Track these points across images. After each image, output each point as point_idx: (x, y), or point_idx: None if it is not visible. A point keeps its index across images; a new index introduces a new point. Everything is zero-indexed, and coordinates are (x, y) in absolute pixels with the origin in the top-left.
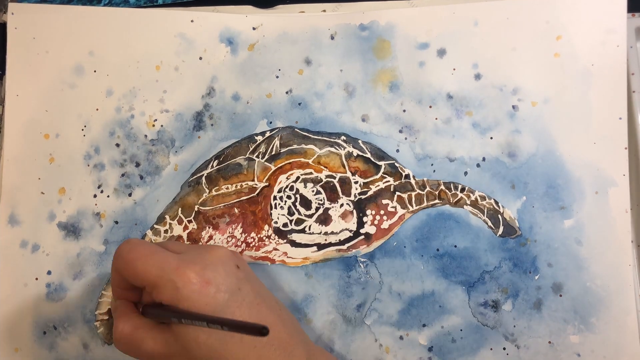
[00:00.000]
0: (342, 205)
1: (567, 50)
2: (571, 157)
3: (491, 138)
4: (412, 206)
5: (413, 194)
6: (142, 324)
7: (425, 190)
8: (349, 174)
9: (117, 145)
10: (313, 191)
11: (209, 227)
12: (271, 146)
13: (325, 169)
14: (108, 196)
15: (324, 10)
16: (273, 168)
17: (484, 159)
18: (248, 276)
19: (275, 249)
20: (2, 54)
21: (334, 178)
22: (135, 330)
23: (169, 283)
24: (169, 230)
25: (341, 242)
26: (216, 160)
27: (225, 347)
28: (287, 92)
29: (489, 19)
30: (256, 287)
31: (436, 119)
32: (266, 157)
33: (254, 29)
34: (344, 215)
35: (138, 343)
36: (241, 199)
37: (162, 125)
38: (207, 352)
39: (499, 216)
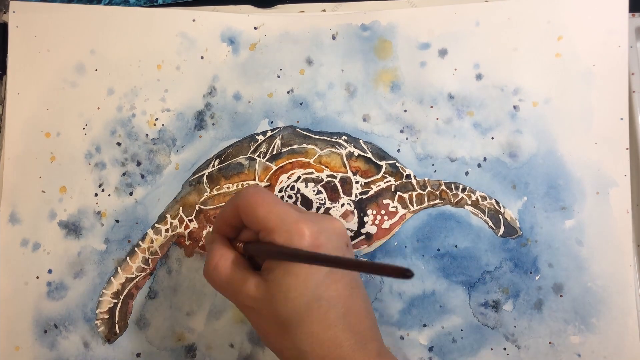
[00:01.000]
0: (343, 205)
1: (569, 51)
2: (572, 158)
3: (492, 138)
4: (413, 206)
5: (414, 193)
6: (238, 261)
7: (426, 190)
8: (350, 174)
9: (119, 144)
10: (314, 191)
11: (210, 226)
12: (272, 146)
13: (326, 168)
14: (109, 195)
15: (324, 10)
16: (274, 167)
17: (485, 159)
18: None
19: None
20: (3, 55)
21: (335, 178)
22: (231, 264)
23: (285, 233)
24: (170, 229)
25: None
26: (217, 160)
27: (308, 313)
28: (288, 92)
29: (490, 19)
30: (354, 275)
31: (437, 119)
32: (267, 156)
33: (255, 28)
34: (344, 215)
35: (230, 277)
36: None
37: (163, 124)
38: (291, 310)
39: (500, 216)
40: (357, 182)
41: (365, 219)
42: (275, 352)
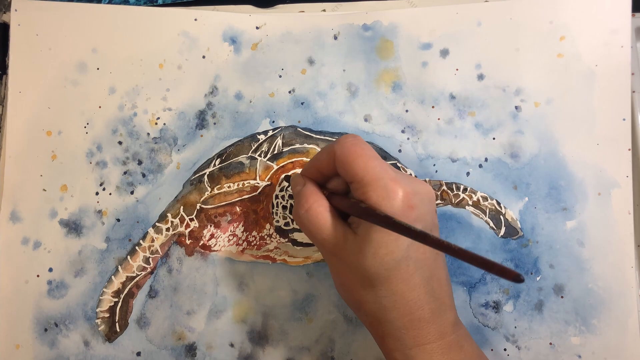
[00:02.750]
0: None
1: (571, 51)
2: (574, 158)
3: (494, 139)
4: None
5: None
6: (330, 208)
7: None
8: None
9: (120, 143)
10: None
11: (211, 226)
12: (273, 145)
13: None
14: (110, 194)
15: (324, 10)
16: (275, 167)
17: (486, 160)
18: (437, 226)
19: (277, 248)
20: (4, 55)
21: None
22: (324, 210)
23: (381, 189)
24: (171, 228)
25: None
26: (218, 159)
27: (395, 271)
28: (289, 92)
29: (492, 20)
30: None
31: (439, 119)
32: (268, 156)
33: (257, 28)
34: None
35: (321, 223)
36: (243, 197)
37: (164, 124)
38: (379, 266)
39: (501, 217)
40: None
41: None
42: (351, 303)
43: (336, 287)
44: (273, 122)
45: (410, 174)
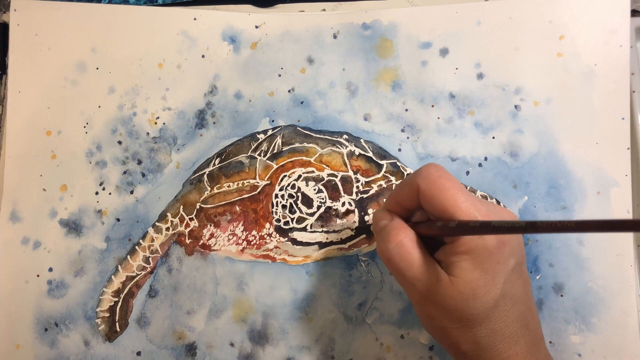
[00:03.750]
0: (343, 203)
1: (570, 50)
2: (573, 157)
3: (493, 138)
4: None
5: None
6: (420, 244)
7: None
8: (350, 173)
9: (119, 142)
10: (315, 190)
11: (211, 225)
12: (273, 144)
13: (327, 167)
14: (110, 193)
15: (324, 10)
16: (275, 166)
17: (486, 159)
18: (524, 254)
19: (277, 247)
20: (3, 55)
21: (336, 177)
22: (416, 246)
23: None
24: (171, 228)
25: (342, 241)
26: (218, 158)
27: (494, 310)
28: (289, 91)
29: (492, 19)
30: (526, 270)
31: (438, 118)
32: (268, 155)
33: (256, 27)
34: (345, 214)
35: (414, 258)
36: (243, 196)
37: (164, 123)
38: (479, 308)
39: None
40: (357, 181)
41: (366, 217)
42: (445, 343)
43: (425, 327)
44: (272, 121)
45: (410, 173)
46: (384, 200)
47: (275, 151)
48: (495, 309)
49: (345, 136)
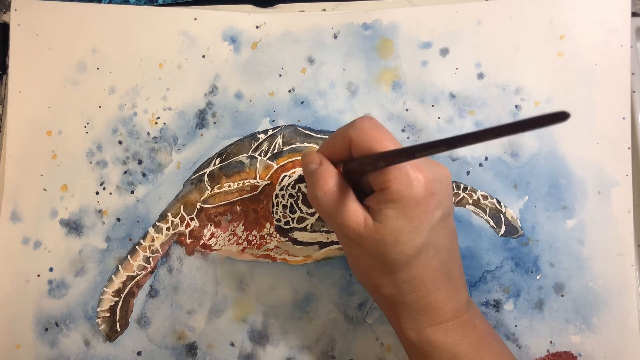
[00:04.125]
0: None
1: (571, 50)
2: (574, 157)
3: None
4: None
5: None
6: (347, 188)
7: None
8: None
9: (120, 142)
10: None
11: (211, 225)
12: (273, 144)
13: None
14: (110, 193)
15: (324, 10)
16: (275, 166)
17: (486, 159)
18: (452, 207)
19: (277, 247)
20: (4, 55)
21: None
22: (341, 191)
23: (403, 177)
24: (171, 228)
25: None
26: (218, 158)
27: (415, 257)
28: (289, 91)
29: (492, 19)
30: (454, 222)
31: (439, 118)
32: (268, 155)
33: (257, 27)
34: None
35: (339, 206)
36: (243, 196)
37: (164, 123)
38: (400, 253)
39: (501, 216)
40: None
41: None
42: (367, 286)
43: (351, 269)
44: (273, 121)
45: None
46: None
47: (275, 151)
48: (417, 256)
49: None
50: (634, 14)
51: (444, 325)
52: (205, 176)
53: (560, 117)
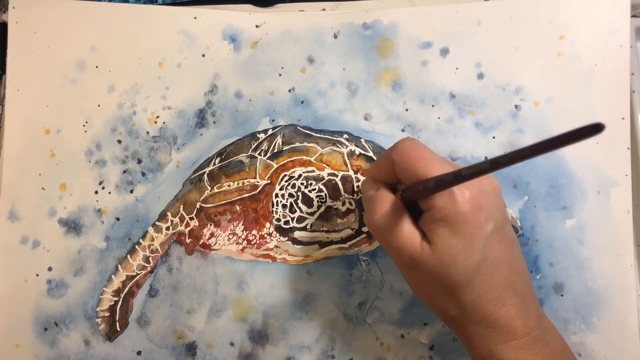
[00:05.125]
0: (344, 203)
1: (570, 50)
2: (573, 157)
3: (493, 137)
4: None
5: None
6: (405, 213)
7: None
8: (351, 172)
9: (119, 141)
10: (315, 189)
11: (211, 224)
12: (273, 144)
13: (327, 167)
14: (109, 193)
15: (324, 9)
16: (275, 166)
17: (486, 159)
18: (508, 217)
19: (277, 247)
20: (2, 55)
21: (336, 176)
22: (400, 216)
23: (447, 193)
24: (171, 227)
25: (343, 240)
26: (218, 158)
27: (475, 275)
28: (289, 90)
29: (492, 19)
30: (512, 233)
31: (439, 118)
32: (268, 154)
33: (257, 26)
34: (346, 214)
35: (400, 228)
36: (243, 196)
37: (164, 122)
38: (460, 273)
39: None
40: (358, 181)
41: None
42: (434, 309)
43: (414, 294)
44: (273, 120)
45: None
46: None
47: (275, 150)
48: (476, 274)
49: (345, 136)
50: (634, 15)
51: (515, 342)
52: (205, 175)
53: (597, 128)
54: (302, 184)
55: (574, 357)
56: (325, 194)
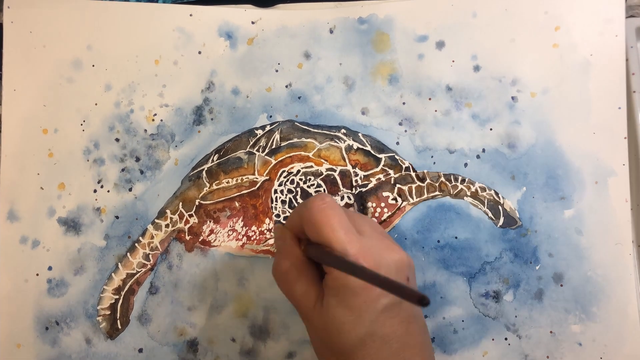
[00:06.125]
0: (342, 197)
1: (566, 41)
2: (571, 148)
3: (491, 129)
4: (412, 198)
5: (413, 186)
6: (305, 266)
7: (426, 182)
8: (349, 167)
9: (117, 140)
10: (313, 184)
11: (210, 221)
12: (271, 140)
13: (325, 162)
14: (108, 191)
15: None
16: (273, 162)
17: (483, 150)
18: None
19: None
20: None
21: (335, 171)
22: (301, 275)
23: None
24: (170, 225)
25: None
26: (216, 155)
27: (360, 348)
28: (286, 86)
29: (488, 11)
30: (412, 308)
31: (436, 111)
32: (266, 150)
33: (252, 23)
34: (344, 208)
35: (297, 287)
36: (242, 192)
37: (161, 120)
38: (345, 342)
39: (500, 207)
40: (356, 175)
41: (365, 211)
42: None
43: (312, 347)
44: (270, 116)
45: (408, 167)
46: (382, 193)
47: (273, 147)
48: (361, 346)
49: (343, 130)
50: (633, 15)
51: None
52: (204, 173)
53: (422, 302)
54: (300, 179)
55: None
56: (324, 189)
